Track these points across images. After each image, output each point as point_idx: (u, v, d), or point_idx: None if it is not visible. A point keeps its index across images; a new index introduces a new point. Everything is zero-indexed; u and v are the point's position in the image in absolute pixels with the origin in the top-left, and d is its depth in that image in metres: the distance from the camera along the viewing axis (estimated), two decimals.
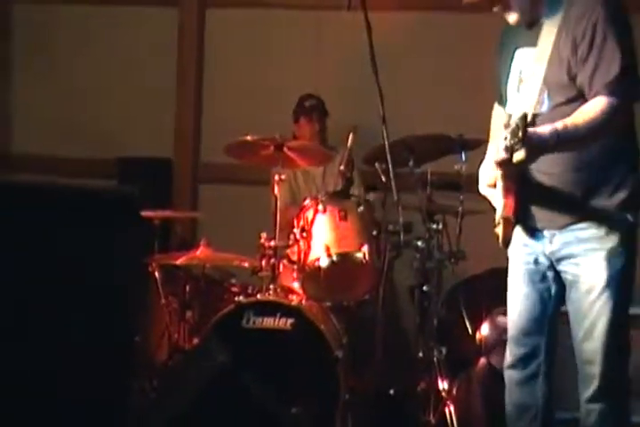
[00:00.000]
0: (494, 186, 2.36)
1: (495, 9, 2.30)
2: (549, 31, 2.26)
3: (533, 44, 2.29)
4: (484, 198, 2.46)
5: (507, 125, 2.09)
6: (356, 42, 3.41)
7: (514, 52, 2.36)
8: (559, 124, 2.15)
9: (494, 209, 2.39)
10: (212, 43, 4.61)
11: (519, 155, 2.09)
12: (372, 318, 3.37)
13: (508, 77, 2.38)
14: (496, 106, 2.53)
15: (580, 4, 2.24)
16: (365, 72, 3.29)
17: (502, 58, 2.42)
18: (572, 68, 2.23)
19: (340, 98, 4.17)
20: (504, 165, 2.16)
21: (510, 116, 2.28)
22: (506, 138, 2.10)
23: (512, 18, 2.31)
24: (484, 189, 2.46)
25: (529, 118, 2.09)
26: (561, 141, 2.13)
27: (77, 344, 2.02)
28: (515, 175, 2.24)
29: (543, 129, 2.13)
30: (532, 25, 2.31)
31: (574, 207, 2.29)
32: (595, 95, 2.19)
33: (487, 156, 2.49)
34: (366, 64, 3.28)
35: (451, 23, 4.05)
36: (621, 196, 2.28)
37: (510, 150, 2.08)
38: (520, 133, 2.06)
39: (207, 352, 2.84)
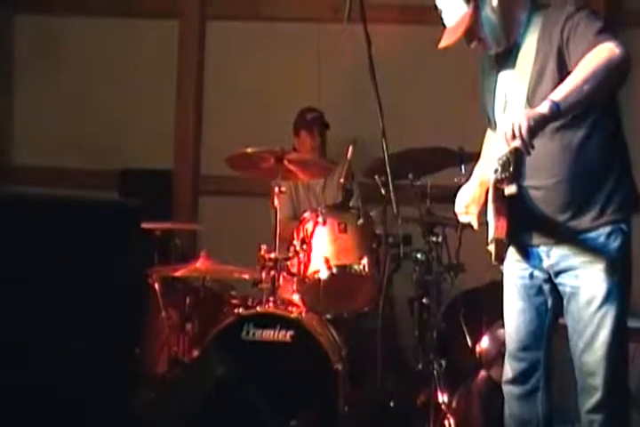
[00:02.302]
0: (475, 205, 2.38)
1: (472, 45, 2.34)
2: (527, 50, 2.29)
3: (512, 66, 2.32)
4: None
5: (499, 158, 2.11)
6: (355, 55, 3.44)
7: (496, 77, 2.38)
8: (556, 94, 2.11)
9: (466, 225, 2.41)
10: (213, 55, 4.64)
11: (510, 189, 2.11)
12: (371, 331, 3.37)
13: (494, 102, 2.40)
14: (489, 131, 2.55)
15: (555, 15, 2.27)
16: (365, 85, 3.31)
17: (485, 85, 2.45)
18: (565, 58, 2.22)
19: (339, 111, 4.18)
20: (495, 190, 2.18)
21: (497, 137, 2.32)
22: (496, 171, 2.12)
23: (490, 51, 2.36)
24: (460, 208, 2.48)
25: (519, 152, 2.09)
26: (565, 110, 2.10)
27: (78, 357, 2.03)
28: (505, 199, 2.24)
29: (542, 106, 2.11)
30: (510, 49, 2.34)
31: (569, 220, 2.29)
32: (586, 52, 2.15)
33: (472, 176, 2.51)
34: (366, 77, 3.29)
35: None
36: (616, 203, 2.28)
37: (501, 183, 2.10)
38: (511, 168, 2.07)
39: (207, 365, 2.84)
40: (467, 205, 2.46)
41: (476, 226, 2.43)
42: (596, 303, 2.26)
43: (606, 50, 2.12)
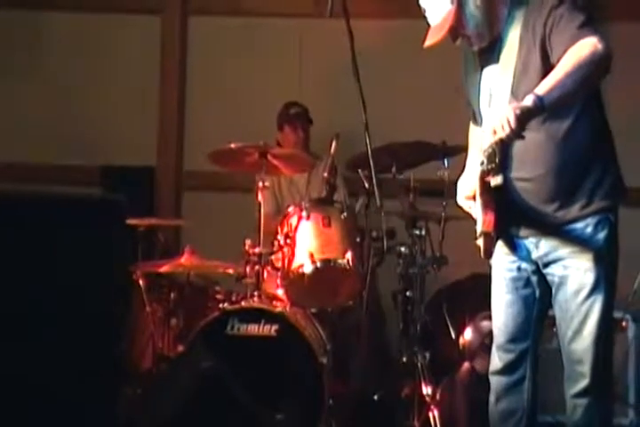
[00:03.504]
0: (473, 198, 2.39)
1: (458, 42, 2.36)
2: (511, 43, 2.30)
3: (496, 60, 2.33)
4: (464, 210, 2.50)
5: (484, 149, 2.12)
6: (338, 49, 3.44)
7: (480, 72, 2.40)
8: (540, 88, 2.12)
9: (473, 218, 2.42)
10: (195, 51, 4.62)
11: (496, 180, 2.12)
12: (355, 324, 3.39)
13: (478, 97, 2.42)
14: (472, 124, 2.56)
15: (538, 7, 2.28)
16: (348, 79, 3.32)
17: (469, 80, 2.46)
18: (548, 50, 2.23)
19: (322, 105, 4.19)
20: (482, 184, 2.20)
21: (483, 131, 2.33)
22: (482, 162, 2.13)
23: (475, 47, 2.37)
24: (462, 201, 2.49)
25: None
26: (548, 104, 2.12)
27: (64, 353, 2.02)
28: (492, 192, 2.26)
29: (526, 100, 2.12)
30: (493, 43, 2.35)
31: (557, 211, 2.31)
32: (569, 47, 2.17)
33: (466, 169, 2.52)
34: (349, 71, 3.30)
35: None
36: (603, 190, 2.30)
37: (487, 175, 2.11)
38: (497, 159, 2.08)
39: (192, 359, 2.84)
40: (468, 196, 2.45)
41: (479, 222, 2.41)
42: (583, 293, 2.29)
43: (589, 45, 2.13)
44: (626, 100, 3.78)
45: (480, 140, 2.48)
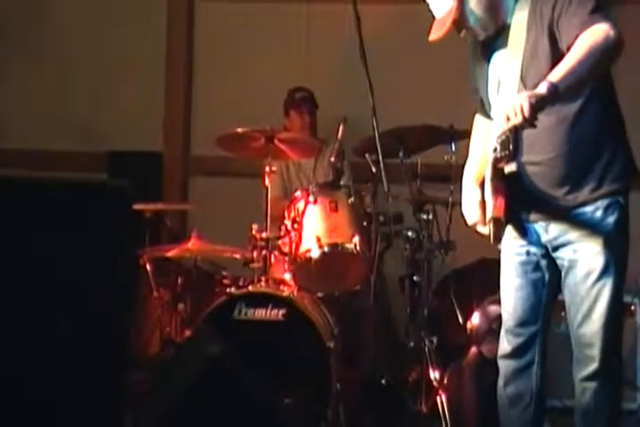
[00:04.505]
0: (481, 185, 2.38)
1: (462, 34, 2.35)
2: (518, 28, 2.28)
3: (504, 45, 2.32)
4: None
5: (498, 136, 2.10)
6: (345, 33, 3.42)
7: (488, 60, 2.38)
8: (554, 75, 2.11)
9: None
10: (202, 35, 4.60)
11: (511, 167, 2.11)
12: (363, 309, 3.39)
13: (487, 85, 2.40)
14: (477, 116, 2.54)
15: None
16: (355, 63, 3.30)
17: (476, 68, 2.44)
18: (556, 36, 2.22)
19: (330, 89, 4.17)
20: (494, 170, 2.19)
21: (492, 118, 2.32)
22: (495, 149, 2.12)
23: (480, 37, 2.36)
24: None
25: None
26: (562, 91, 2.11)
27: (71, 339, 2.03)
28: (504, 178, 2.25)
29: (540, 87, 2.11)
30: (499, 30, 2.34)
31: (567, 194, 2.30)
32: (580, 33, 2.15)
33: (469, 156, 2.50)
34: (356, 56, 3.28)
35: None
36: (614, 173, 2.29)
37: (500, 162, 2.09)
38: (511, 146, 2.07)
39: (199, 344, 2.84)
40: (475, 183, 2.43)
41: (489, 207, 2.39)
42: (593, 276, 2.29)
43: (601, 31, 2.12)
44: (636, 82, 3.74)
45: (483, 128, 2.47)
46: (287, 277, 3.29)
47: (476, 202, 2.38)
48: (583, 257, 2.30)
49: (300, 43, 4.44)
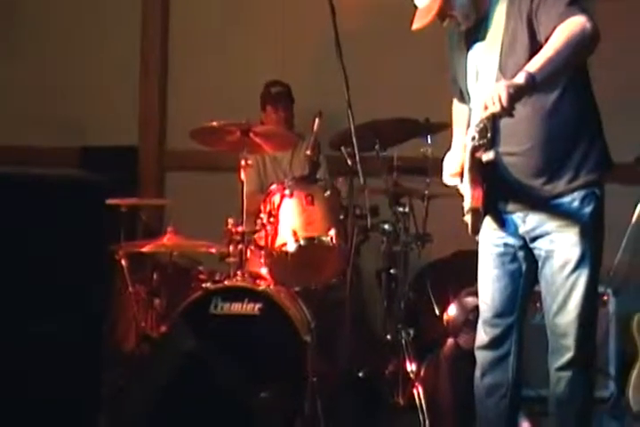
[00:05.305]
0: (459, 175, 2.38)
1: (445, 23, 2.35)
2: (497, 20, 2.30)
3: (484, 36, 2.33)
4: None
5: (476, 124, 2.10)
6: (321, 26, 3.40)
7: (467, 50, 2.39)
8: (531, 66, 2.13)
9: (461, 195, 2.42)
10: (177, 29, 4.57)
11: (489, 155, 2.12)
12: (340, 302, 3.38)
13: (465, 75, 2.41)
14: (455, 102, 2.56)
15: None
16: (330, 56, 3.28)
17: (455, 58, 2.45)
18: (535, 27, 2.23)
19: (305, 82, 4.15)
20: (472, 159, 2.19)
21: (471, 110, 2.33)
22: (474, 138, 2.12)
23: (462, 27, 2.37)
24: (448, 178, 2.49)
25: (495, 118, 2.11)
26: (540, 82, 2.13)
27: (47, 336, 2.00)
28: (482, 168, 2.25)
29: (518, 77, 2.12)
30: (479, 21, 2.35)
31: (545, 184, 2.31)
32: (558, 24, 2.17)
33: (452, 147, 2.52)
34: (331, 48, 3.27)
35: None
36: (590, 163, 2.31)
37: (478, 150, 2.10)
38: (488, 134, 2.08)
39: (175, 339, 2.83)
40: (453, 173, 2.45)
41: (467, 198, 2.40)
42: (569, 267, 2.31)
43: (578, 23, 2.14)
44: (612, 75, 3.76)
45: (464, 117, 2.48)
46: (263, 271, 3.28)
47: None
48: (560, 248, 2.32)
49: (276, 36, 4.42)
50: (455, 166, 2.44)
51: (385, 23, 4.00)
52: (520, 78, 2.10)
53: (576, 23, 2.14)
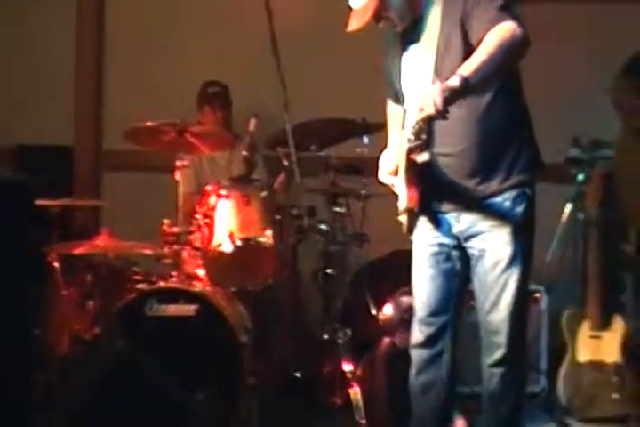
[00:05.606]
0: (395, 174, 2.41)
1: (381, 25, 2.37)
2: (432, 22, 2.33)
3: (419, 39, 2.36)
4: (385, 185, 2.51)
5: (411, 126, 2.12)
6: (257, 25, 3.39)
7: (402, 52, 2.41)
8: (465, 69, 2.16)
9: (396, 195, 2.44)
10: (113, 26, 4.51)
11: (423, 157, 2.14)
12: (278, 302, 3.38)
13: (400, 76, 2.44)
14: (390, 103, 2.58)
15: None
16: (268, 56, 3.28)
17: (390, 60, 2.47)
18: (467, 30, 2.27)
19: (243, 82, 4.13)
20: (407, 161, 2.22)
21: (406, 111, 2.36)
22: (410, 140, 2.14)
23: (398, 27, 2.39)
24: (384, 177, 2.51)
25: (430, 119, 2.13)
26: (472, 84, 2.16)
27: None
28: (417, 169, 2.28)
29: (452, 80, 2.15)
30: (415, 22, 2.37)
31: (478, 185, 2.35)
32: (489, 29, 2.21)
33: (389, 146, 2.54)
34: (269, 49, 3.27)
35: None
36: (521, 163, 2.35)
37: (414, 152, 2.13)
38: (423, 136, 2.10)
39: (108, 342, 2.79)
40: (390, 172, 2.48)
41: (403, 198, 2.43)
42: (501, 265, 2.34)
43: (508, 29, 2.18)
44: (543, 78, 3.84)
45: (399, 118, 2.51)
46: (200, 272, 3.26)
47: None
48: (492, 246, 2.35)
49: (213, 35, 4.39)
50: (391, 165, 2.47)
51: (322, 24, 4.01)
52: (454, 81, 2.14)
53: (507, 28, 2.18)
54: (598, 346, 3.40)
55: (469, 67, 2.16)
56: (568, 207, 3.65)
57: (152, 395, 2.79)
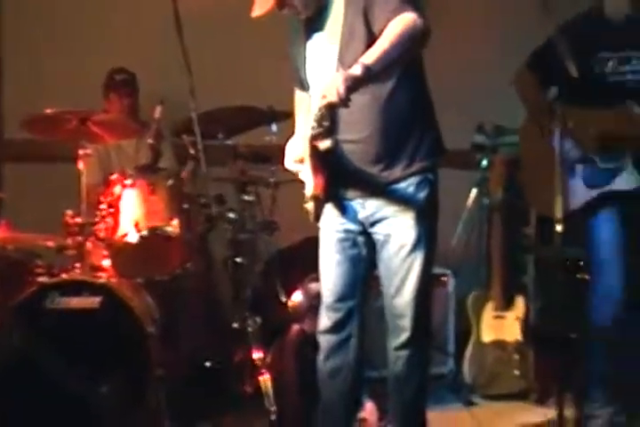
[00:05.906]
0: (301, 162, 2.41)
1: (285, 11, 2.36)
2: (336, 11, 2.34)
3: (323, 27, 2.36)
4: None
5: (314, 113, 2.13)
6: (163, 11, 3.33)
7: (307, 40, 2.42)
8: (367, 58, 2.18)
9: (303, 183, 2.44)
10: (10, 12, 4.34)
11: (325, 144, 2.15)
12: (188, 291, 3.34)
13: (305, 64, 2.44)
14: (297, 91, 2.59)
15: None
16: (174, 43, 3.22)
17: (295, 48, 2.47)
18: (369, 18, 2.28)
19: (150, 69, 4.05)
20: (311, 147, 2.23)
21: (311, 97, 2.37)
22: (313, 127, 2.14)
23: (301, 15, 2.38)
24: (290, 164, 2.51)
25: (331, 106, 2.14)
26: (375, 73, 2.18)
27: None
28: (322, 156, 2.28)
29: (355, 68, 2.17)
30: (319, 11, 2.37)
31: (382, 171, 2.38)
32: (391, 18, 2.24)
33: (295, 133, 2.54)
34: (174, 34, 3.21)
35: None
36: (424, 150, 2.39)
37: (317, 138, 2.13)
38: (325, 123, 2.11)
39: (7, 336, 2.70)
40: (296, 159, 2.48)
41: (309, 185, 2.42)
42: (405, 250, 2.38)
43: (409, 19, 2.22)
44: (448, 65, 3.90)
45: (306, 105, 2.51)
46: (105, 263, 3.19)
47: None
48: (396, 231, 2.39)
49: (119, 22, 4.28)
50: (297, 152, 2.47)
51: (227, 10, 3.96)
52: (357, 70, 2.16)
53: (408, 19, 2.22)
54: (501, 326, 3.50)
55: (372, 55, 2.18)
56: (473, 192, 3.72)
57: (52, 390, 2.72)
